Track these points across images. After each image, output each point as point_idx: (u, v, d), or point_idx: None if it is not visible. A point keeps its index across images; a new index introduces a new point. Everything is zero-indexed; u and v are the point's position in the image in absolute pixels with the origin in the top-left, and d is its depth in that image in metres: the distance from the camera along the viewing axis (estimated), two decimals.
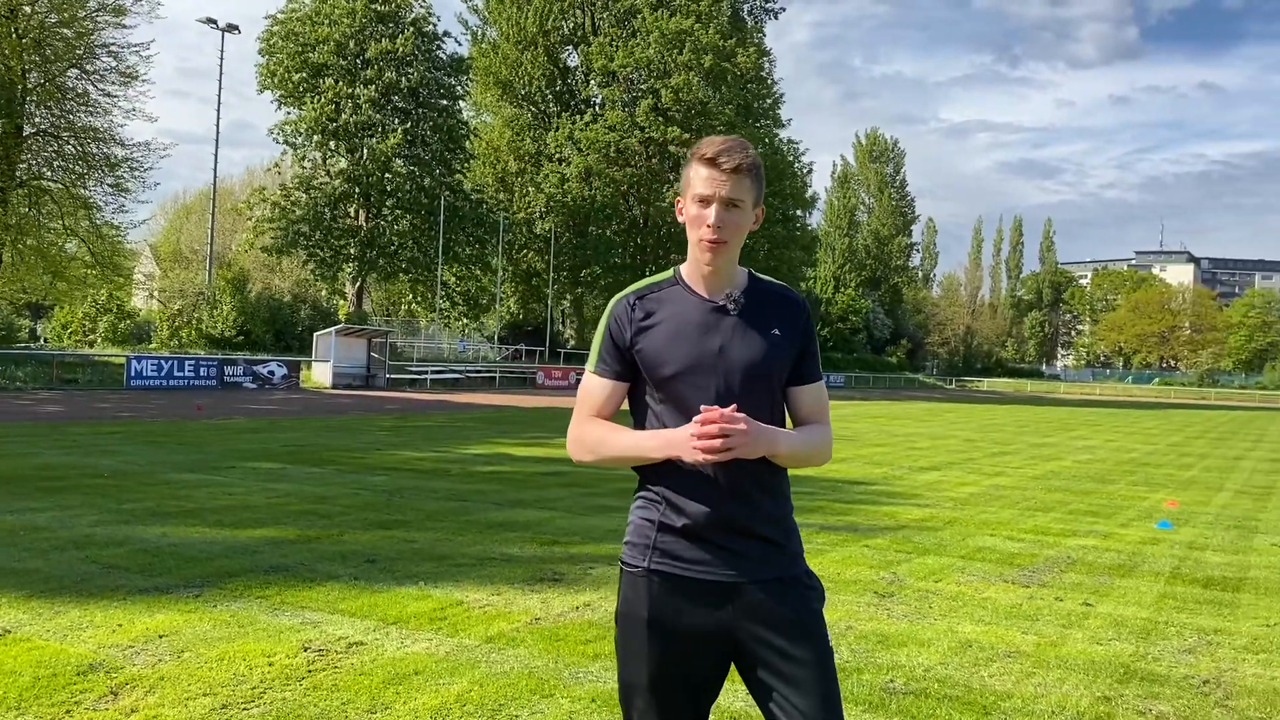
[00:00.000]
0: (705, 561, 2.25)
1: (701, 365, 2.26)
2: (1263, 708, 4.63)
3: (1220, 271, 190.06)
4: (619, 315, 2.34)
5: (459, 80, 51.05)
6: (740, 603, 2.25)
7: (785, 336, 2.32)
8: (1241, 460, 20.28)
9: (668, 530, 2.27)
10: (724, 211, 2.23)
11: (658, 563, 2.28)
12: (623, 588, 2.35)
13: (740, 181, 2.24)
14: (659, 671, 2.27)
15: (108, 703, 4.17)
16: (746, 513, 2.25)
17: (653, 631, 2.26)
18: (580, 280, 58.70)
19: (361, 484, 11.22)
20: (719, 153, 2.24)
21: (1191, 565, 8.20)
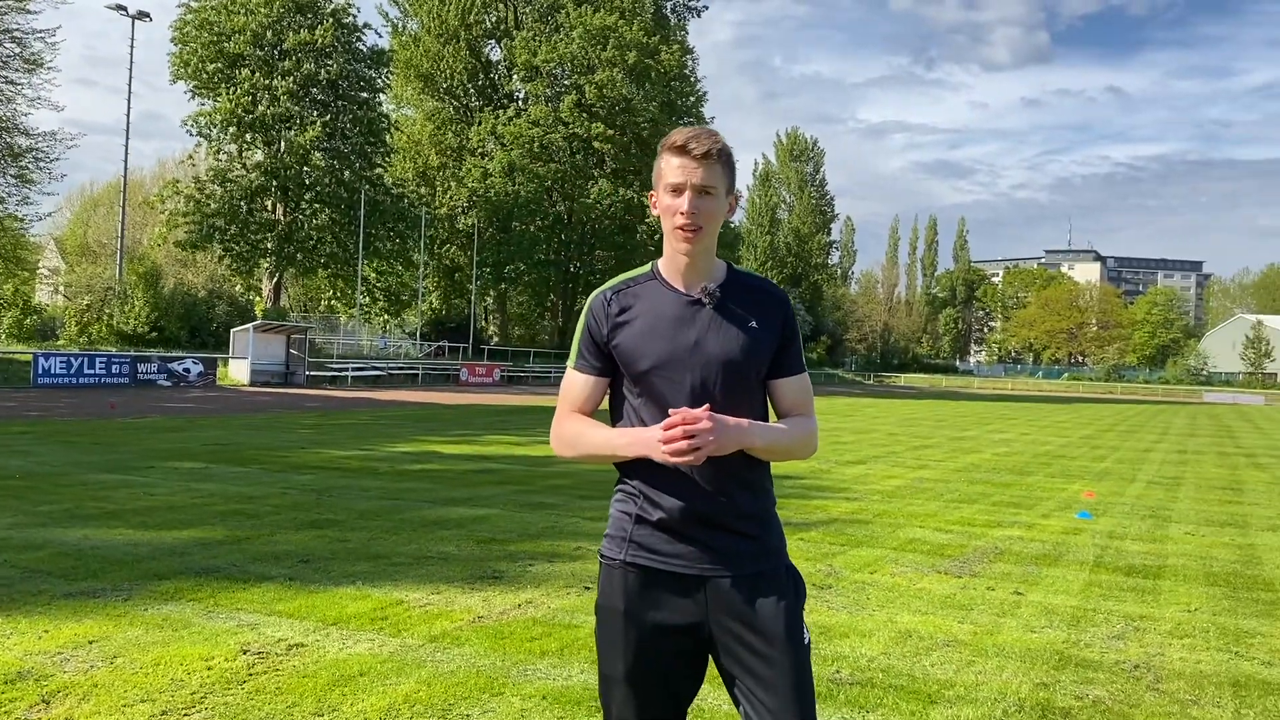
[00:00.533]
0: (681, 555, 2.25)
1: (677, 359, 2.25)
2: (1192, 690, 4.80)
3: (1125, 270, 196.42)
4: (596, 311, 2.34)
5: (379, 73, 50.26)
6: (714, 596, 2.25)
7: (763, 329, 2.30)
8: (1150, 452, 20.98)
9: (644, 523, 2.28)
10: (697, 199, 2.22)
11: (634, 555, 2.28)
12: (601, 580, 2.35)
13: (712, 168, 2.23)
14: (636, 664, 2.27)
15: (39, 712, 4.02)
16: (722, 507, 2.25)
17: (629, 623, 2.27)
18: (504, 276, 58.27)
19: (288, 483, 10.99)
20: (688, 140, 2.23)
21: (1113, 554, 8.46)
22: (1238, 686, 4.89)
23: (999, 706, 4.45)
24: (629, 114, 56.21)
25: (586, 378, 2.34)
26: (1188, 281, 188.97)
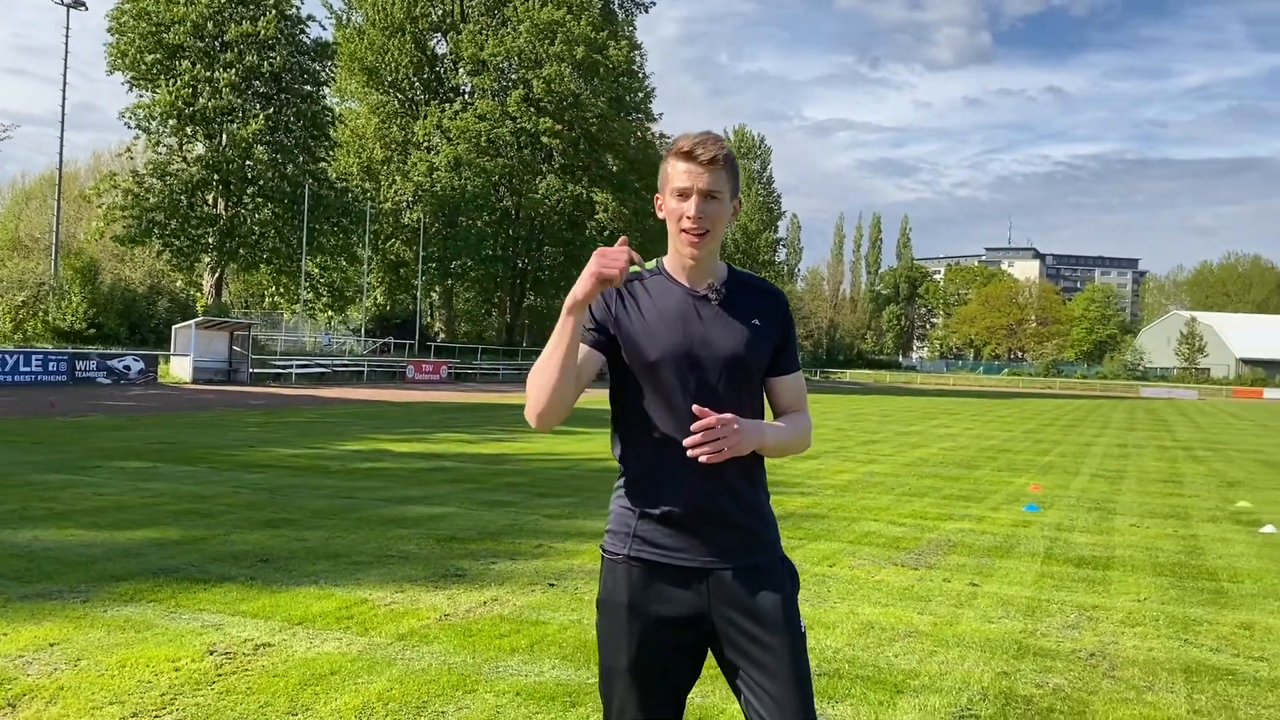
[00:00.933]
0: (683, 548, 2.29)
1: (685, 352, 2.28)
2: (1145, 677, 4.95)
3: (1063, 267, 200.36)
4: (606, 291, 2.33)
5: (323, 66, 49.57)
6: (716, 588, 2.29)
7: (765, 327, 2.36)
8: (1092, 446, 21.47)
9: (648, 518, 2.31)
10: (703, 203, 2.26)
11: (638, 550, 2.31)
12: (603, 575, 2.38)
13: (718, 174, 2.26)
14: (639, 657, 2.29)
15: (6, 715, 3.96)
16: (724, 501, 2.29)
17: (633, 617, 2.30)
18: (450, 272, 57.85)
19: (239, 482, 10.85)
20: (695, 146, 2.26)
21: (1062, 546, 8.66)
22: (1189, 672, 5.05)
23: (964, 695, 4.56)
24: (577, 109, 56.10)
25: (583, 346, 2.29)
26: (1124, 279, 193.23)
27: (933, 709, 4.35)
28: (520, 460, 14.27)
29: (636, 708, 2.31)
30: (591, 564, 7.18)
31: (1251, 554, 8.61)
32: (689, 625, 2.31)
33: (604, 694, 2.37)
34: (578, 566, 7.08)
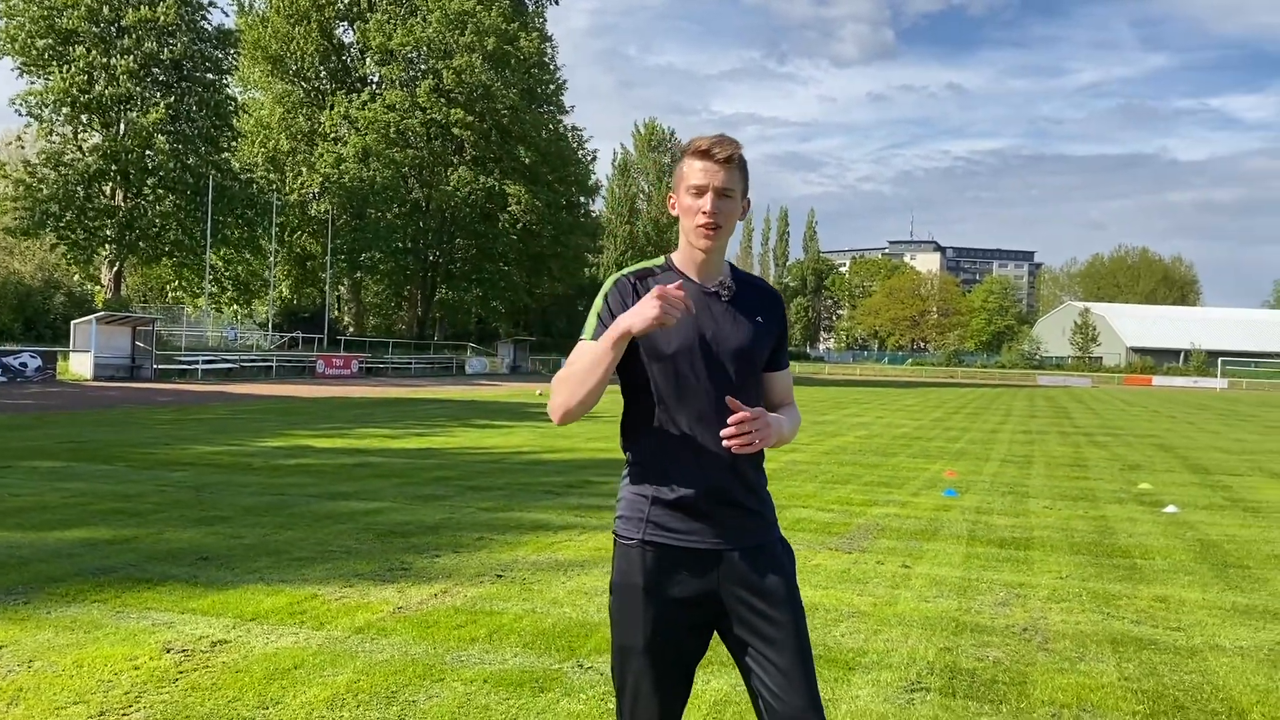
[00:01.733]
0: (695, 532, 2.40)
1: (698, 345, 2.40)
2: (1076, 649, 5.24)
3: (963, 260, 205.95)
4: (622, 289, 2.45)
5: (226, 53, 48.30)
6: (725, 569, 2.41)
7: (767, 324, 2.51)
8: (998, 433, 22.22)
9: (660, 504, 2.41)
10: (718, 200, 2.38)
11: (651, 534, 2.42)
12: (617, 559, 2.48)
13: (732, 173, 2.39)
14: (654, 636, 2.40)
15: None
16: (732, 485, 2.42)
17: (648, 598, 2.40)
18: (359, 264, 56.92)
19: (162, 480, 10.63)
20: (712, 146, 2.39)
21: (984, 528, 9.02)
22: (1115, 643, 5.36)
23: (912, 670, 4.78)
24: (489, 100, 55.68)
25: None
26: (1020, 271, 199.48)
27: (885, 684, 4.56)
28: (446, 454, 14.23)
29: (652, 684, 2.41)
30: (534, 555, 7.27)
31: (1158, 532, 9.09)
32: (700, 604, 2.42)
33: (617, 672, 2.47)
34: (522, 558, 7.16)
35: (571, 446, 15.74)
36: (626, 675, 2.44)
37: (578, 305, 77.52)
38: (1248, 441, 21.75)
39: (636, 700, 2.43)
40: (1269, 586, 6.93)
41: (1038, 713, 4.26)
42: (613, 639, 2.48)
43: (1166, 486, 12.79)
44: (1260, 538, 9.01)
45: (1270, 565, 7.68)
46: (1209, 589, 6.79)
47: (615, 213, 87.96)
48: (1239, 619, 5.98)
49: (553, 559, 7.14)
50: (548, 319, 72.38)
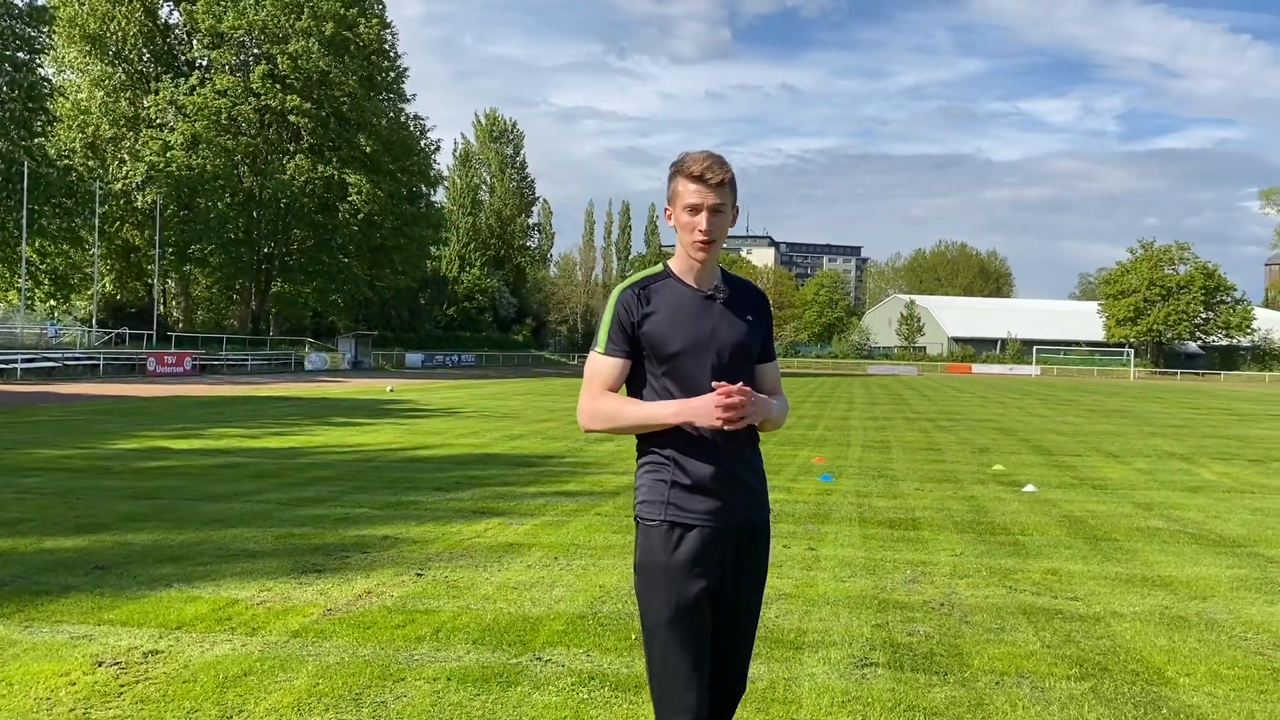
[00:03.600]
0: (711, 511, 2.62)
1: (700, 344, 2.64)
2: (995, 621, 5.58)
3: (796, 255, 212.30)
4: (627, 303, 2.67)
5: (40, 31, 45.11)
6: (730, 542, 2.65)
7: (757, 321, 2.76)
8: (848, 420, 23.10)
9: (679, 487, 2.62)
10: (712, 218, 2.63)
11: (672, 515, 2.61)
12: (640, 540, 2.68)
13: (724, 192, 2.64)
14: (679, 609, 2.57)
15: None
16: (741, 467, 2.66)
17: (671, 575, 2.59)
18: (189, 257, 54.16)
19: (17, 487, 9.97)
20: (705, 170, 2.62)
21: (870, 511, 9.42)
22: (1026, 614, 5.73)
23: (856, 646, 4.99)
24: (327, 87, 53.89)
25: (616, 360, 2.66)
26: (849, 265, 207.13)
27: (836, 661, 4.76)
28: (314, 453, 13.82)
29: (679, 652, 2.56)
30: (446, 552, 7.20)
31: (1026, 510, 9.70)
32: (713, 575, 2.62)
33: (648, 648, 2.63)
34: (435, 555, 7.07)
35: (443, 443, 15.54)
36: (655, 650, 2.60)
37: (420, 298, 76.09)
38: (1075, 424, 23.32)
39: (671, 671, 2.57)
40: (1140, 557, 7.51)
41: (981, 681, 4.53)
42: (643, 619, 2.65)
43: (1018, 468, 13.60)
44: (1116, 512, 9.73)
45: (1135, 538, 8.32)
46: (1089, 561, 7.31)
47: (457, 204, 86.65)
48: (1125, 588, 6.48)
49: (466, 556, 7.07)
50: (388, 312, 70.74)
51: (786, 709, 4.13)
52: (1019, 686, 4.47)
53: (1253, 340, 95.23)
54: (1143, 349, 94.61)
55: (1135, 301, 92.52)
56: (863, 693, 4.33)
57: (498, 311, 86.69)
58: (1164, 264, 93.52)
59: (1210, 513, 9.89)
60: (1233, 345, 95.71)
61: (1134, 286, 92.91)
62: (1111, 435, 20.00)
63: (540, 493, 10.21)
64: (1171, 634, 5.38)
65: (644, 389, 2.69)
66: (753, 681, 4.40)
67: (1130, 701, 4.32)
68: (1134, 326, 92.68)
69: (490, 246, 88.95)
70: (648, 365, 2.68)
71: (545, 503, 9.53)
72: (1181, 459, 15.44)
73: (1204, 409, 32.61)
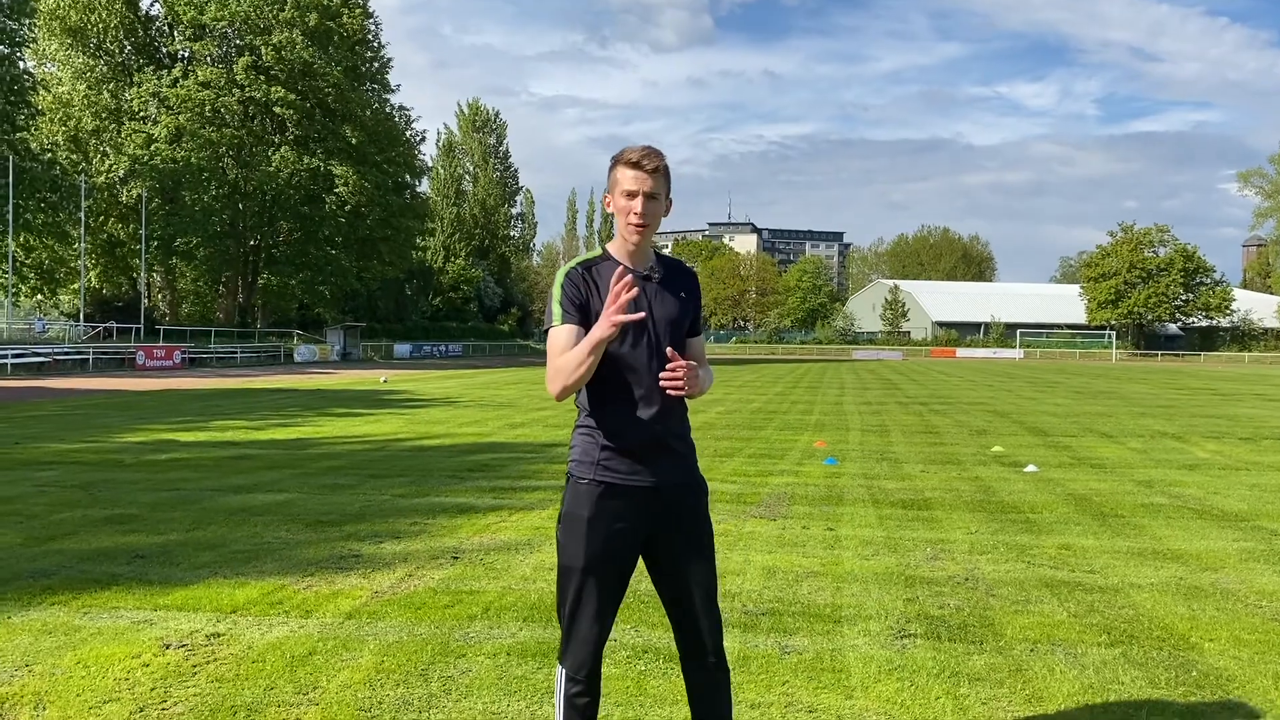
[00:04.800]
0: (637, 472, 2.90)
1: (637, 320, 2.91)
2: (1019, 594, 5.79)
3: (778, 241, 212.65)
4: (575, 279, 2.93)
5: (21, 24, 44.73)
6: (659, 501, 2.94)
7: (688, 299, 3.02)
8: (841, 404, 23.33)
9: (608, 449, 2.91)
10: (646, 202, 2.88)
11: (600, 475, 2.91)
12: (568, 495, 3.00)
13: (658, 179, 2.89)
14: (593, 557, 2.91)
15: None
16: (665, 434, 2.93)
17: (591, 527, 2.91)
18: (174, 250, 53.89)
19: (36, 480, 10.07)
20: (641, 158, 2.87)
21: (880, 492, 9.64)
22: (1049, 586, 5.95)
23: (892, 619, 5.20)
24: (311, 78, 53.64)
25: (571, 328, 2.87)
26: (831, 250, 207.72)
27: (876, 633, 4.96)
28: (322, 444, 13.94)
29: (595, 594, 2.92)
30: (476, 537, 7.36)
31: (1032, 490, 9.94)
32: (634, 530, 2.94)
33: (560, 585, 2.98)
34: (466, 541, 7.23)
35: (448, 432, 15.69)
36: (569, 590, 2.95)
37: (405, 289, 75.97)
38: (1066, 405, 23.65)
39: (578, 608, 2.94)
40: (1149, 532, 7.75)
41: (1016, 649, 4.74)
42: (560, 561, 2.98)
43: (1016, 449, 13.86)
44: (1119, 490, 9.99)
45: (1141, 514, 8.57)
46: (1100, 537, 7.54)
47: (441, 195, 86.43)
48: (1138, 561, 6.71)
49: (497, 540, 7.24)
50: (374, 303, 70.62)
51: (836, 677, 4.32)
52: (1053, 653, 4.69)
53: (1232, 321, 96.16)
54: (1124, 331, 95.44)
55: (1116, 284, 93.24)
56: (906, 661, 4.54)
57: (483, 301, 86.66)
58: (1144, 247, 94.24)
59: (1209, 489, 10.16)
60: (1212, 326, 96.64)
61: (1115, 269, 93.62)
62: (1103, 416, 20.31)
63: (554, 479, 10.38)
64: (1190, 603, 5.60)
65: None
66: (800, 653, 4.62)
67: (1161, 665, 4.54)
68: (1115, 309, 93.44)
69: (475, 237, 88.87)
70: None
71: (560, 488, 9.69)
72: (1174, 438, 15.74)
73: (1188, 389, 33.06)
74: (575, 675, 2.99)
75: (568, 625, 2.98)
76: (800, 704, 4.02)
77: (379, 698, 4.06)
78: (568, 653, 2.99)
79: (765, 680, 4.28)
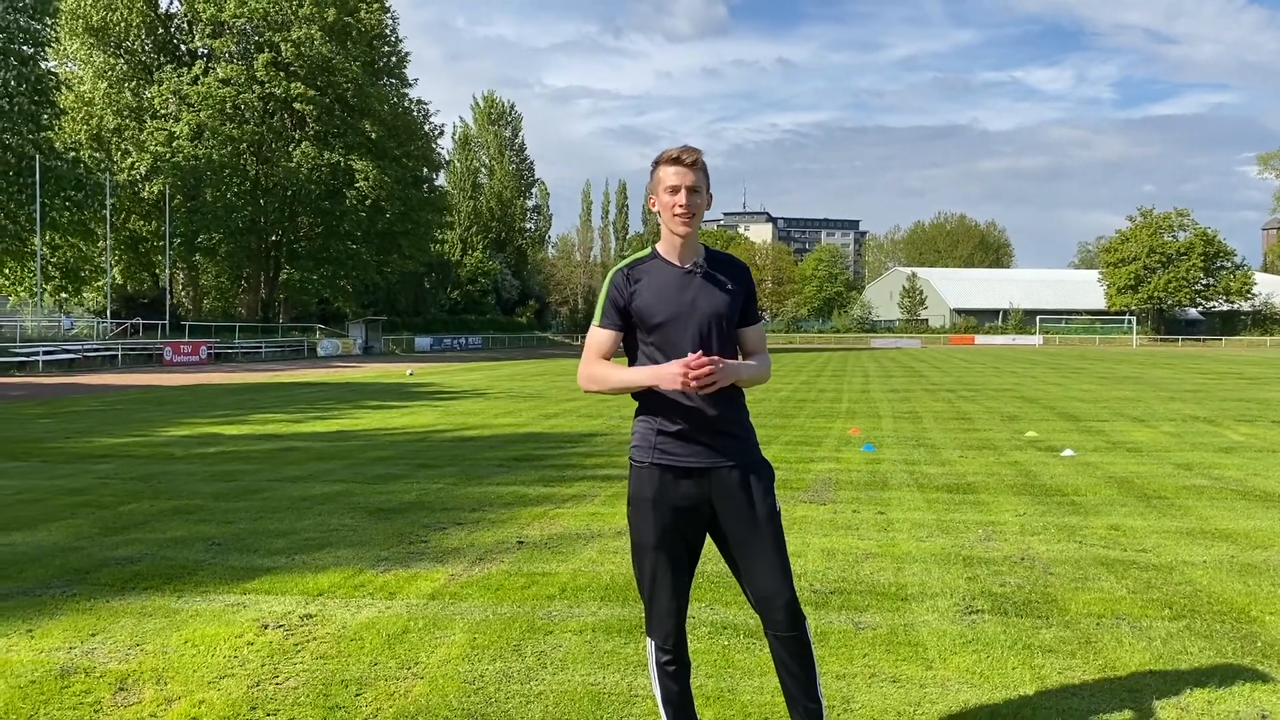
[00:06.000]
0: (691, 454, 3.09)
1: (681, 314, 3.09)
2: (1076, 572, 5.95)
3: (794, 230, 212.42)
4: (618, 283, 3.14)
5: (45, 25, 45.18)
6: (715, 481, 3.10)
7: (736, 290, 3.15)
8: (868, 392, 23.44)
9: (664, 434, 3.10)
10: (689, 196, 3.05)
11: (657, 458, 3.11)
12: (632, 479, 3.20)
13: (698, 173, 3.07)
14: (662, 534, 3.11)
15: (127, 698, 3.98)
16: (717, 419, 3.09)
17: (656, 507, 3.11)
18: (197, 247, 54.38)
19: (96, 473, 10.33)
20: (680, 154, 3.07)
21: (923, 477, 9.79)
22: (1104, 565, 6.11)
23: (958, 596, 5.37)
24: (330, 74, 53.97)
25: (609, 332, 3.14)
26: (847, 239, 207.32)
27: (945, 609, 5.13)
28: (365, 436, 14.18)
29: (666, 570, 3.13)
30: (535, 521, 7.57)
31: (1072, 473, 10.08)
32: (697, 509, 3.12)
33: (636, 564, 3.20)
34: (525, 525, 7.44)
35: (484, 423, 15.91)
36: (644, 566, 3.17)
37: (424, 283, 76.32)
38: (1094, 391, 23.71)
39: (655, 584, 3.15)
40: (1195, 512, 7.89)
41: (1083, 623, 4.90)
42: (633, 541, 3.20)
43: (1050, 434, 13.98)
44: (1159, 473, 10.11)
45: (1185, 495, 8.70)
46: (1147, 517, 7.69)
47: (458, 188, 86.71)
48: (1188, 540, 6.86)
49: (557, 526, 7.44)
50: (393, 297, 71.04)
51: (914, 650, 4.50)
52: (1119, 626, 4.85)
53: (1253, 305, 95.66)
54: (1144, 316, 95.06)
55: (1135, 269, 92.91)
56: (978, 635, 4.71)
57: (500, 294, 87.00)
58: (1163, 231, 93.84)
59: (1249, 470, 10.28)
60: (1233, 310, 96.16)
61: (1134, 254, 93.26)
62: (1131, 401, 20.39)
63: (598, 468, 10.58)
64: (1245, 579, 5.75)
65: (637, 353, 3.16)
66: (874, 628, 4.80)
67: (1225, 636, 4.70)
68: (1135, 294, 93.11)
69: (491, 229, 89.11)
70: (639, 334, 3.14)
71: (607, 477, 9.89)
72: (1206, 422, 15.82)
73: (1213, 374, 33.02)
74: (664, 645, 3.19)
75: (649, 599, 3.18)
76: (883, 674, 4.20)
77: (479, 671, 4.27)
78: (653, 625, 3.19)
79: (845, 654, 4.46)
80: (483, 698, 3.98)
